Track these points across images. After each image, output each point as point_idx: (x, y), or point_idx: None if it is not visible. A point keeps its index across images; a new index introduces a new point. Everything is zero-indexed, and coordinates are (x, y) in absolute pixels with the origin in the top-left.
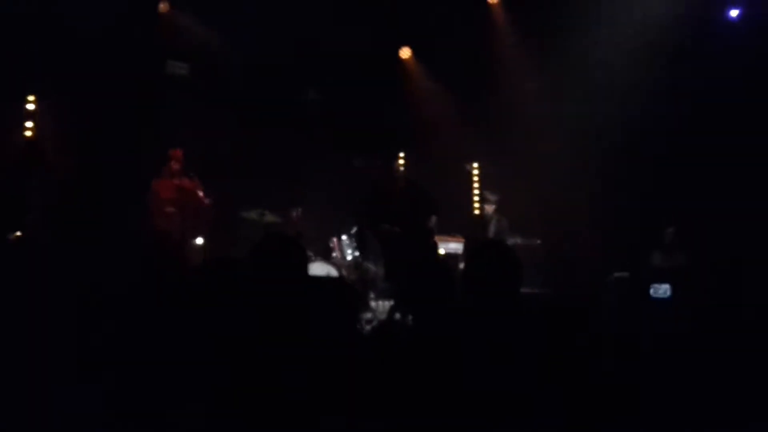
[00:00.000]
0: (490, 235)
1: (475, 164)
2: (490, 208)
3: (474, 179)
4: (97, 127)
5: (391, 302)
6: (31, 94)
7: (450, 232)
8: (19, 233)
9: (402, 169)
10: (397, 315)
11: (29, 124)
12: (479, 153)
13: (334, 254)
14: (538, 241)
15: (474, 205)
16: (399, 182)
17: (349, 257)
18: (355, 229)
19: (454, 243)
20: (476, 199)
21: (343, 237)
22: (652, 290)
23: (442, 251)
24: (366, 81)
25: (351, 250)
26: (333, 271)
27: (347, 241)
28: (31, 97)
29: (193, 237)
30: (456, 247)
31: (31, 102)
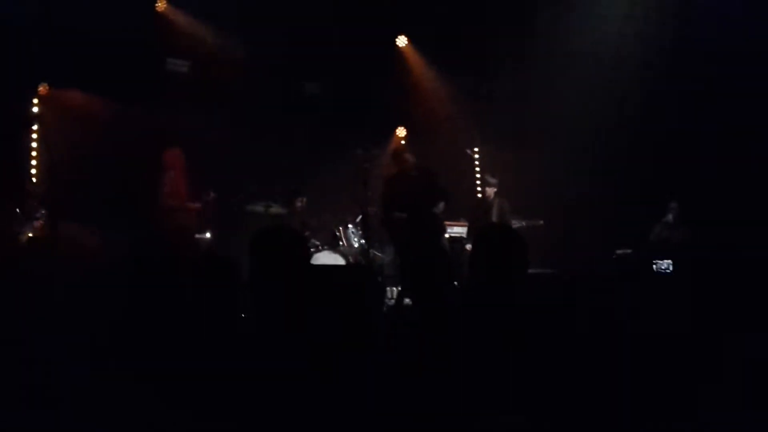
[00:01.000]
0: (493, 218)
1: (476, 148)
2: (491, 191)
3: (475, 163)
4: (100, 127)
5: (399, 288)
6: (35, 97)
7: (454, 217)
8: (30, 234)
9: (411, 156)
10: (406, 300)
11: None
12: (479, 137)
13: (341, 243)
14: (541, 221)
15: (476, 189)
16: (409, 169)
17: (356, 245)
18: (360, 217)
19: (458, 227)
20: (478, 183)
21: (348, 226)
22: (654, 266)
23: (446, 236)
24: (364, 71)
25: (357, 238)
26: (340, 260)
27: (353, 230)
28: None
29: (201, 232)
30: (460, 231)
31: (35, 105)
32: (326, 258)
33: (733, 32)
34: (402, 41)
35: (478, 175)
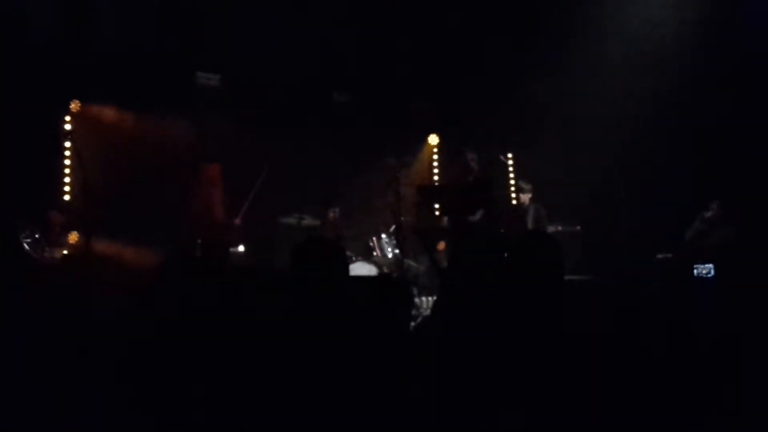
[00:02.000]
0: (529, 225)
1: (509, 155)
2: (526, 198)
3: (510, 170)
4: (132, 142)
5: (434, 298)
6: (67, 113)
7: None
8: (65, 252)
9: (475, 164)
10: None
11: (67, 144)
12: (513, 143)
13: (375, 253)
14: (578, 227)
15: (511, 196)
16: (468, 177)
17: (390, 255)
18: (394, 227)
19: None
20: (512, 189)
21: (382, 236)
22: (695, 270)
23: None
24: (393, 78)
25: (391, 248)
26: (374, 270)
27: (387, 240)
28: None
29: (235, 245)
30: None
31: (68, 122)
32: (360, 269)
33: None
34: None
35: (513, 182)
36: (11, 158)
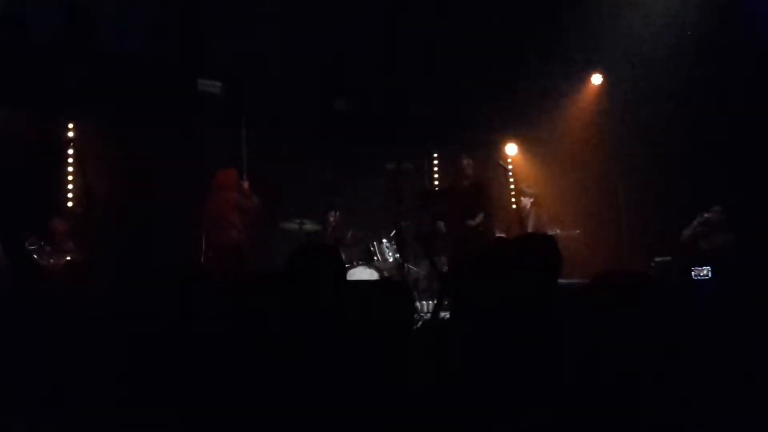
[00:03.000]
0: (529, 229)
1: (509, 159)
2: (527, 202)
3: (509, 174)
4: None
5: (434, 302)
6: (70, 121)
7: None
8: (69, 258)
9: (471, 170)
10: (442, 314)
11: (70, 151)
12: (513, 147)
13: (376, 258)
14: (577, 231)
15: (511, 200)
16: (462, 181)
17: (390, 260)
18: (394, 232)
19: None
20: (512, 193)
21: (383, 240)
22: (693, 272)
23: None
24: (393, 83)
25: (391, 252)
26: (375, 275)
27: (387, 244)
28: (70, 125)
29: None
30: None
31: (70, 130)
32: (361, 273)
33: None
34: None
35: (513, 186)
36: (14, 166)
